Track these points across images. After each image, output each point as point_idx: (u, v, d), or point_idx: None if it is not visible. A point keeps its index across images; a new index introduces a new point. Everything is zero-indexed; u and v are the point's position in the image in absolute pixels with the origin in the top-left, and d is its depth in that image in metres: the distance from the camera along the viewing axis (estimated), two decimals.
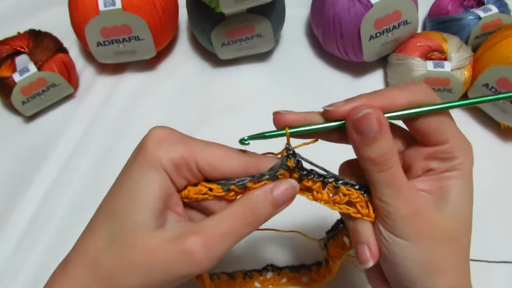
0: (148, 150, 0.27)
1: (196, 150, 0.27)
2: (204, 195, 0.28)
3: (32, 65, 0.52)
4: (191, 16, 0.57)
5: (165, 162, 0.26)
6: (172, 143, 0.27)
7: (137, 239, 0.26)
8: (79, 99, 0.57)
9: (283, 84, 0.59)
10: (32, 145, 0.54)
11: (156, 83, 0.59)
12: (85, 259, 0.27)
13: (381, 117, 0.26)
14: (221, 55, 0.57)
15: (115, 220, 0.27)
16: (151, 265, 0.25)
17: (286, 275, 0.45)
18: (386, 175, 0.26)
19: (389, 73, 0.57)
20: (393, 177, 0.27)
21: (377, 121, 0.25)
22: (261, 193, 0.27)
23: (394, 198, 0.27)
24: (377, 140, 0.26)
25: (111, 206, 0.27)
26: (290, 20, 0.59)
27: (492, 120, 0.54)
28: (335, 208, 0.29)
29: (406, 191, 0.27)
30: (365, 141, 0.26)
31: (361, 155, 0.27)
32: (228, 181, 0.28)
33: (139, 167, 0.27)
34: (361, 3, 0.51)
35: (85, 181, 0.51)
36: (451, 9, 0.57)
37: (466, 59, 0.52)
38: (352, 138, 0.27)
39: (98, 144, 0.54)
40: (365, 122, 0.26)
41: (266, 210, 0.27)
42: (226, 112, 0.56)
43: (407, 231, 0.27)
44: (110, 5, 0.50)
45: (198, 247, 0.25)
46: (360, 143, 0.26)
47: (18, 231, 0.48)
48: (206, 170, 0.27)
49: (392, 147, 0.26)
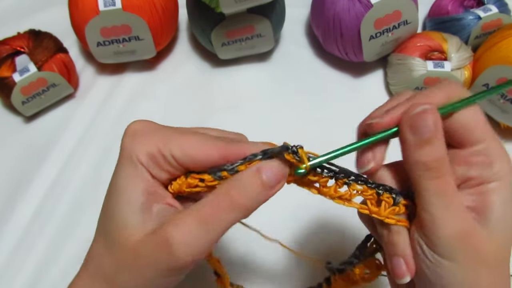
0: (124, 145, 0.26)
1: (171, 140, 0.26)
2: (196, 187, 0.26)
3: (32, 65, 0.52)
4: (191, 16, 0.57)
5: (141, 156, 0.26)
6: (146, 135, 0.26)
7: (123, 236, 0.25)
8: (79, 99, 0.57)
9: (283, 84, 0.59)
10: (32, 145, 0.54)
11: (156, 83, 0.59)
12: (86, 264, 0.27)
13: (437, 117, 0.24)
14: (221, 55, 0.57)
15: (107, 219, 0.26)
16: (138, 262, 0.25)
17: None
18: (436, 184, 0.24)
19: (389, 73, 0.57)
20: (444, 186, 0.24)
21: (433, 121, 0.24)
22: (247, 172, 0.25)
23: (443, 210, 0.24)
24: (432, 142, 0.24)
25: (104, 207, 0.27)
26: (290, 20, 0.59)
27: (492, 120, 0.54)
28: (339, 202, 0.27)
29: (456, 205, 0.25)
30: (419, 142, 0.24)
31: (412, 159, 0.25)
32: (219, 168, 0.26)
33: (119, 164, 0.26)
34: (361, 3, 0.51)
35: (85, 181, 0.51)
36: (451, 9, 0.57)
37: (466, 59, 0.52)
38: (405, 140, 0.25)
39: (98, 144, 0.54)
40: (423, 119, 0.24)
41: (254, 192, 0.25)
42: (226, 112, 0.56)
43: (453, 252, 0.24)
44: (110, 5, 0.50)
45: (176, 237, 0.23)
46: (413, 145, 0.25)
47: (18, 231, 0.48)
48: (183, 160, 0.26)
49: (445, 153, 0.25)
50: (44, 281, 0.46)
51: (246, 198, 0.24)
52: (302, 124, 0.54)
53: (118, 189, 0.26)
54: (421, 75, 0.52)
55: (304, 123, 0.54)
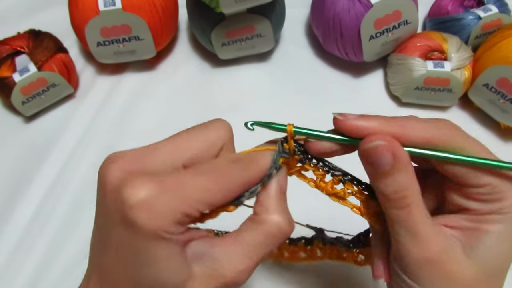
0: (139, 225, 0.20)
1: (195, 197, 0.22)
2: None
3: (32, 65, 0.52)
4: (191, 16, 0.57)
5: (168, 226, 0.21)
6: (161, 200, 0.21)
7: None
8: (79, 99, 0.57)
9: (283, 84, 0.59)
10: (32, 145, 0.54)
11: (156, 83, 0.59)
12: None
13: (398, 151, 0.23)
14: (221, 55, 0.57)
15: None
16: None
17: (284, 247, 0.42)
18: (401, 214, 0.24)
19: (389, 73, 0.57)
20: (409, 217, 0.24)
21: (391, 155, 0.23)
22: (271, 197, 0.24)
23: (408, 239, 0.24)
24: (391, 174, 0.23)
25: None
26: (290, 20, 0.59)
27: (492, 120, 0.54)
28: (334, 199, 0.27)
29: (423, 233, 0.24)
30: (377, 174, 0.24)
31: (375, 187, 0.24)
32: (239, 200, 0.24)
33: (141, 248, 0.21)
34: (361, 3, 0.51)
35: (85, 181, 0.51)
36: (451, 9, 0.57)
37: (466, 59, 0.52)
38: (364, 167, 0.24)
39: (98, 144, 0.54)
40: (377, 155, 0.23)
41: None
42: (226, 112, 0.55)
43: (418, 275, 0.24)
44: (110, 5, 0.50)
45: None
46: (372, 175, 0.24)
47: (18, 231, 0.48)
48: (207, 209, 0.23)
49: (411, 184, 0.23)
50: (44, 281, 0.46)
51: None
52: (302, 124, 0.54)
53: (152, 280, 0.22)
54: (421, 75, 0.52)
55: (304, 123, 0.54)
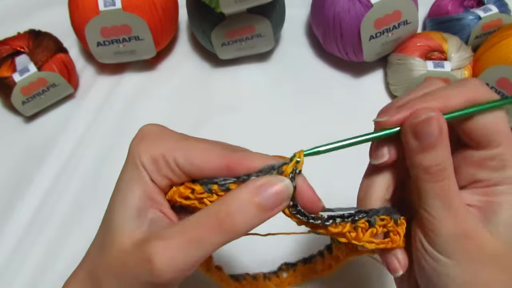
0: (131, 148, 0.26)
1: (177, 146, 0.25)
2: (187, 198, 0.25)
3: (32, 65, 0.52)
4: (191, 16, 0.57)
5: (144, 159, 0.25)
6: (154, 139, 0.26)
7: (116, 241, 0.24)
8: (79, 99, 0.57)
9: (283, 84, 0.59)
10: (32, 145, 0.54)
11: (156, 83, 0.59)
12: (82, 261, 0.27)
13: (443, 123, 0.24)
14: (221, 55, 0.57)
15: (105, 220, 0.26)
16: (123, 271, 0.24)
17: (300, 270, 0.43)
18: (437, 187, 0.25)
19: (389, 73, 0.57)
20: (445, 190, 0.25)
21: (438, 127, 0.24)
22: (243, 193, 0.23)
23: (443, 212, 0.25)
24: (435, 147, 0.24)
25: (107, 206, 0.27)
26: (290, 20, 0.59)
27: None
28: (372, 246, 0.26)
29: (457, 206, 0.25)
30: (421, 147, 0.24)
31: (414, 162, 0.25)
32: (211, 180, 0.24)
33: (124, 166, 0.26)
34: (361, 3, 0.51)
35: (85, 181, 0.51)
36: (451, 9, 0.57)
37: (466, 59, 0.52)
38: (407, 143, 0.25)
39: (98, 144, 0.54)
40: (426, 126, 0.24)
41: (248, 215, 0.22)
42: (226, 112, 0.56)
43: (452, 250, 0.25)
44: (110, 5, 0.50)
45: (158, 255, 0.22)
46: (416, 149, 0.25)
47: (18, 231, 0.48)
48: (186, 168, 0.25)
49: (448, 157, 0.24)
50: (44, 281, 0.46)
51: (237, 222, 0.22)
52: (301, 124, 0.54)
53: (119, 191, 0.26)
54: (421, 75, 0.52)
55: (304, 123, 0.54)
